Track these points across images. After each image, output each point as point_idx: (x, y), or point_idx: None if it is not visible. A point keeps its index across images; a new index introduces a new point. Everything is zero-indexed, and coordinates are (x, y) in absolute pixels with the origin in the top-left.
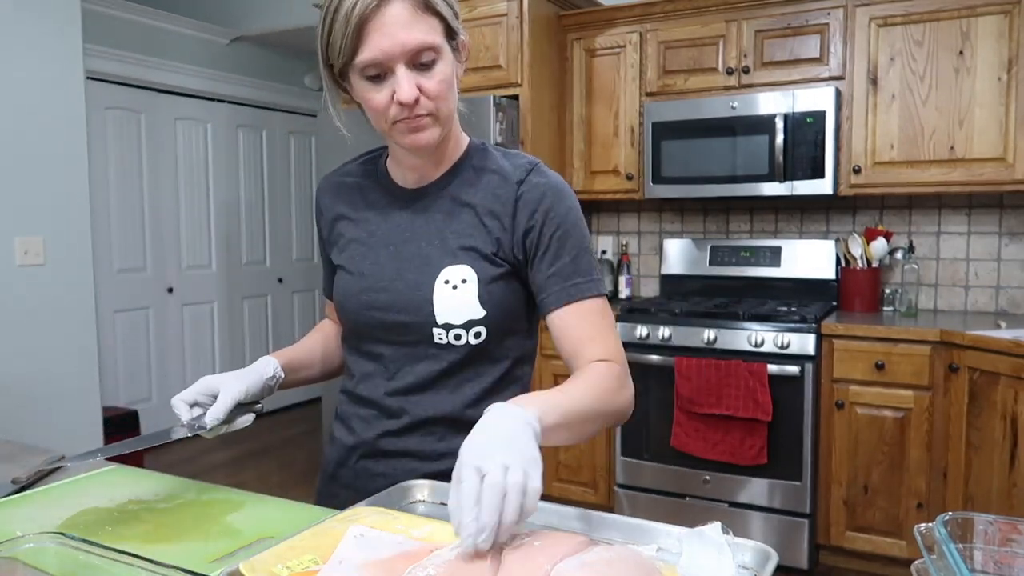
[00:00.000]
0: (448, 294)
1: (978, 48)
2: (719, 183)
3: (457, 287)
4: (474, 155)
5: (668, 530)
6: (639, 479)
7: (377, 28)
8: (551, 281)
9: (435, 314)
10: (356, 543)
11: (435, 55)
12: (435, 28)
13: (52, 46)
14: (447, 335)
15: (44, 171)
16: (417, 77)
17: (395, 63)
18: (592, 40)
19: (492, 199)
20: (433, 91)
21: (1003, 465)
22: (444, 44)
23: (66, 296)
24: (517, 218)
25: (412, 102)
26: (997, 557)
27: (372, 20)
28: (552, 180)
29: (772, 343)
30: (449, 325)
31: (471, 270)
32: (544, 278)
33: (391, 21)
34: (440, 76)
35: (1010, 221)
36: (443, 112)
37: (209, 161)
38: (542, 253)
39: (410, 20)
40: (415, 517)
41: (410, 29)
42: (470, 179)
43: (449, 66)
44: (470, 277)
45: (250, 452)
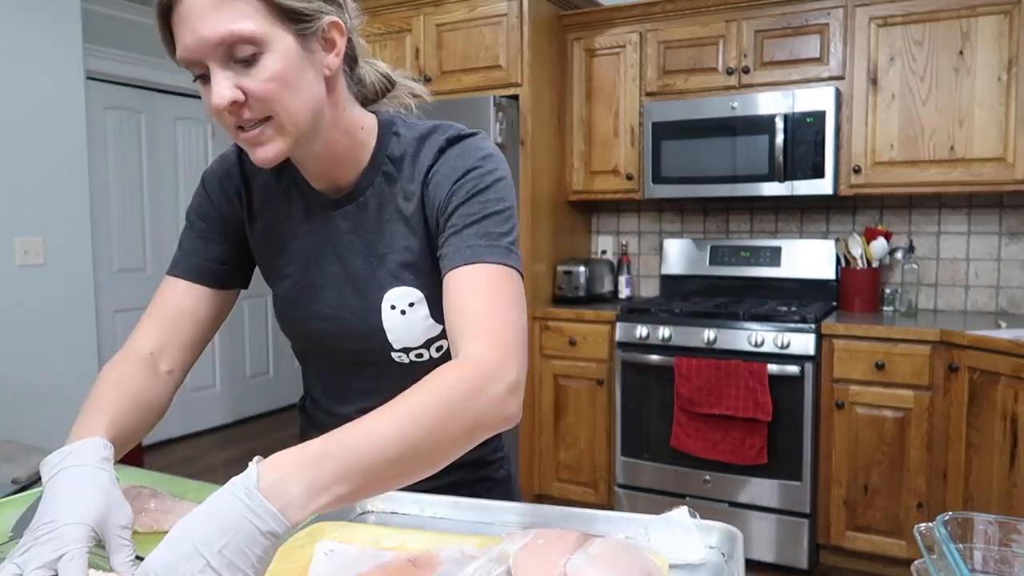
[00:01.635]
0: (398, 320)
1: (978, 48)
2: (719, 183)
3: (405, 311)
4: (387, 145)
5: (633, 518)
6: (639, 479)
7: (179, 21)
8: (448, 242)
9: (390, 340)
10: (328, 560)
11: (254, 47)
12: (250, 13)
13: (52, 46)
14: (408, 356)
15: (44, 171)
16: (240, 77)
17: (206, 60)
18: (592, 40)
19: (416, 197)
20: (258, 92)
21: (1003, 465)
22: (272, 32)
23: (66, 296)
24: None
25: (225, 107)
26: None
27: (174, 12)
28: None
29: (772, 343)
30: (408, 348)
31: (416, 291)
32: (443, 239)
33: (188, 11)
34: (267, 74)
35: (1010, 221)
36: (284, 118)
37: (209, 161)
38: (446, 217)
39: (211, 7)
40: (380, 528)
41: (212, 18)
42: (390, 178)
43: (283, 59)
44: (416, 298)
45: (250, 452)
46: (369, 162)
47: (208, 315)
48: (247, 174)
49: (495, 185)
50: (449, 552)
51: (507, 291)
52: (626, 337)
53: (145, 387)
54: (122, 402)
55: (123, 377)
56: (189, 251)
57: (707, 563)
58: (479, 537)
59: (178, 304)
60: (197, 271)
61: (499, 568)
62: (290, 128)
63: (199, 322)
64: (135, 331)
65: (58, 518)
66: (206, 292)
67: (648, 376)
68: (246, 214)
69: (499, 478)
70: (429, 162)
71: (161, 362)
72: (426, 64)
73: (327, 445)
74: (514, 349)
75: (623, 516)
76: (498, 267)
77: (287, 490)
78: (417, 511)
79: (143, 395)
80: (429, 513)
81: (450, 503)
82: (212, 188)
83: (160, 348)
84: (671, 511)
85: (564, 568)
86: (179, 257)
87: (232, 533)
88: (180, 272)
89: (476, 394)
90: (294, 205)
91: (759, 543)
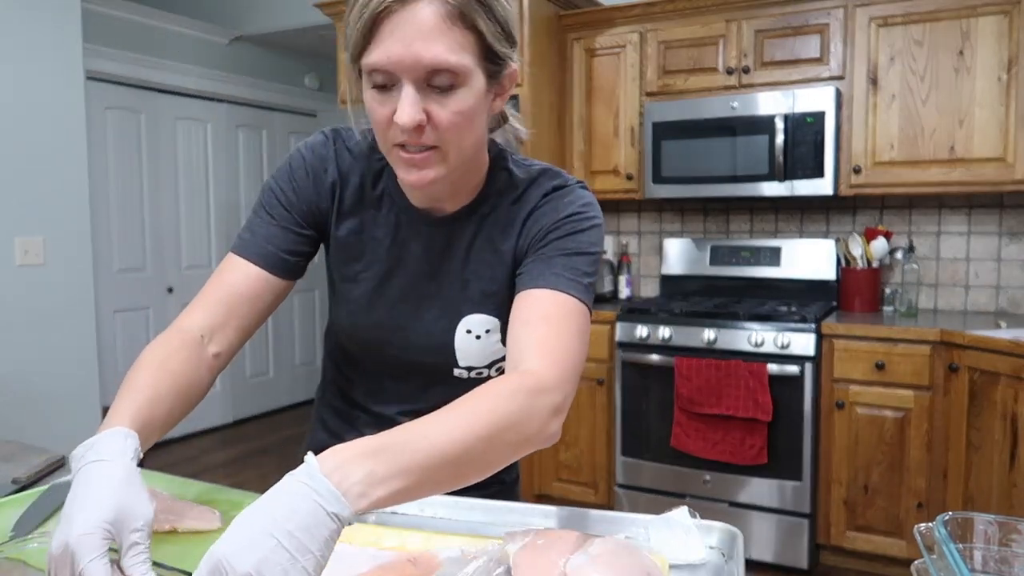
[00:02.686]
0: (472, 343)
1: (978, 48)
2: (719, 183)
3: (480, 336)
4: (496, 179)
5: (633, 518)
6: (639, 479)
7: (391, 30)
8: (533, 265)
9: (457, 359)
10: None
11: (454, 79)
12: (465, 46)
13: (52, 46)
14: (468, 373)
15: (44, 171)
16: (428, 101)
17: (404, 76)
18: (592, 40)
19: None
20: (444, 122)
21: (1003, 465)
22: (475, 68)
23: (66, 296)
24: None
25: (410, 128)
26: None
27: (389, 18)
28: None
29: (772, 343)
30: (471, 367)
31: (495, 319)
32: (528, 262)
33: (409, 25)
34: (458, 106)
35: (1010, 221)
36: (452, 150)
37: (209, 161)
38: (538, 245)
39: (434, 29)
40: (380, 527)
41: (431, 40)
42: (493, 209)
43: (474, 97)
44: (493, 327)
45: (250, 452)
46: (479, 193)
47: (268, 302)
48: (343, 170)
49: (591, 230)
50: (449, 552)
51: (577, 323)
52: (626, 337)
53: (188, 370)
54: (159, 386)
55: (166, 359)
56: (264, 236)
57: (707, 563)
58: (479, 537)
59: (240, 287)
60: (269, 259)
61: (499, 568)
62: (454, 159)
63: (257, 308)
64: (189, 308)
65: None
66: (271, 280)
67: (648, 376)
68: (335, 210)
69: (510, 480)
70: (534, 203)
71: (211, 344)
72: None
73: (385, 441)
74: (570, 374)
75: (623, 516)
76: (574, 300)
77: (348, 475)
78: (417, 511)
79: (183, 378)
80: (429, 513)
81: (450, 503)
82: (302, 177)
83: (212, 330)
84: (671, 511)
85: (564, 568)
86: (251, 240)
87: (300, 514)
88: (251, 256)
89: (527, 409)
90: (385, 214)
91: (759, 543)
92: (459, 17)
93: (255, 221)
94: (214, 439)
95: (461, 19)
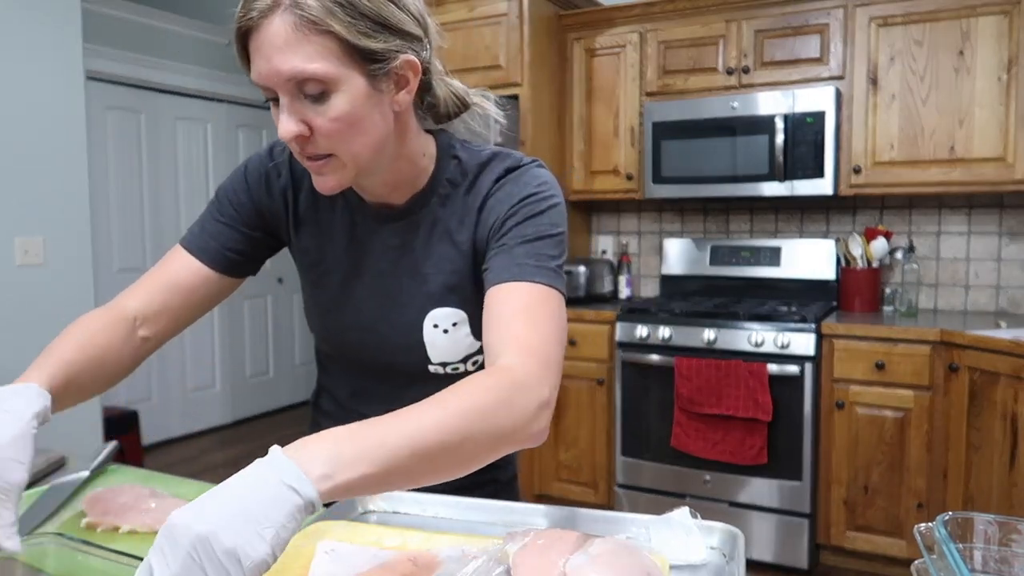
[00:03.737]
0: (441, 338)
1: (978, 48)
2: (719, 183)
3: (448, 331)
4: (445, 168)
5: (634, 518)
6: (639, 479)
7: (256, 47)
8: (497, 258)
9: (429, 355)
10: (329, 559)
11: (324, 86)
12: (324, 52)
13: (52, 46)
14: (444, 369)
15: (44, 171)
16: (306, 111)
17: (277, 90)
18: (592, 40)
19: (471, 222)
20: (324, 130)
21: (1003, 465)
22: (343, 73)
23: (66, 296)
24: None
25: (290, 140)
26: (997, 557)
27: (252, 37)
28: (526, 180)
29: (772, 343)
30: (445, 363)
31: (459, 311)
32: (492, 255)
33: (266, 42)
34: (334, 113)
35: (1010, 221)
36: (345, 155)
37: (209, 161)
38: (498, 236)
39: (287, 42)
40: (381, 527)
41: (286, 54)
42: (445, 201)
43: (352, 100)
44: (460, 318)
45: (250, 452)
46: (427, 185)
47: (206, 296)
48: (296, 175)
49: (550, 211)
50: (449, 552)
51: (550, 311)
52: (626, 337)
53: (113, 346)
54: (80, 352)
55: (93, 331)
56: (210, 232)
57: (708, 564)
58: (479, 537)
59: (178, 278)
60: (211, 254)
61: (499, 568)
62: (351, 165)
63: (195, 301)
64: (128, 290)
65: None
66: (212, 275)
67: (648, 376)
68: (291, 216)
69: (505, 479)
70: (487, 189)
71: (141, 327)
72: None
73: (355, 429)
74: (551, 367)
75: (624, 516)
76: (544, 288)
77: (313, 456)
78: (418, 511)
79: (107, 353)
80: (430, 513)
81: (451, 503)
82: (255, 179)
83: (145, 314)
84: (672, 511)
85: (564, 568)
86: (197, 234)
87: (261, 489)
88: (194, 249)
89: (507, 404)
90: (340, 215)
91: (759, 543)
92: (310, 24)
93: (205, 217)
94: (214, 439)
95: (313, 26)
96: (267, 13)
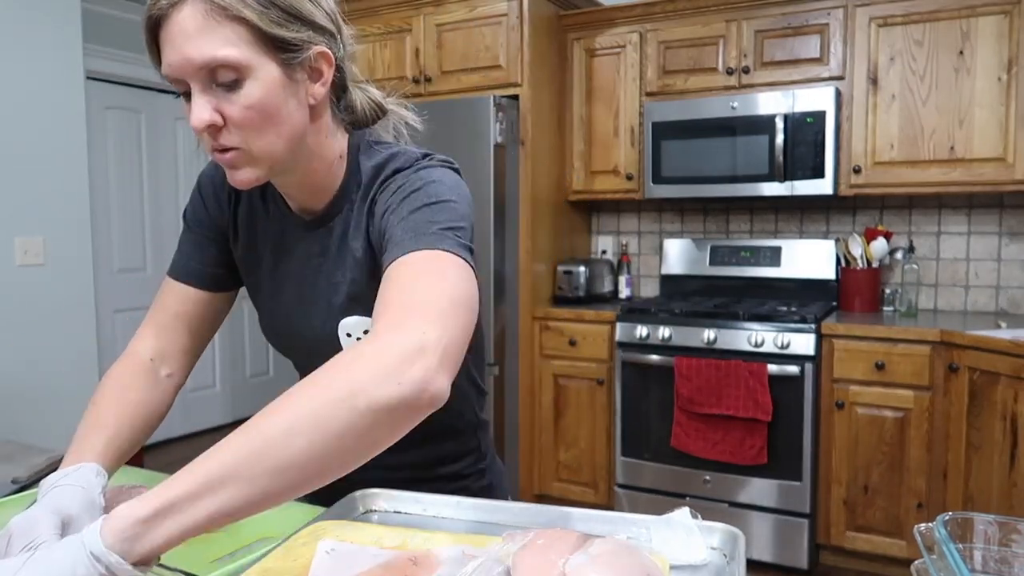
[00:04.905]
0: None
1: (978, 48)
2: (719, 183)
3: (360, 338)
4: (355, 172)
5: (634, 518)
6: (639, 479)
7: (165, 38)
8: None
9: None
10: (329, 559)
11: (236, 74)
12: (235, 40)
13: (52, 46)
14: None
15: (44, 171)
16: (219, 100)
17: (188, 80)
18: (592, 40)
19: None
20: (236, 119)
21: (1003, 465)
22: (256, 60)
23: (66, 296)
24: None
25: (202, 130)
26: (997, 557)
27: (162, 28)
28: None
29: (772, 343)
30: None
31: (369, 319)
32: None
33: (176, 30)
34: (247, 101)
35: (1010, 221)
36: (255, 147)
37: (209, 161)
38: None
39: (198, 29)
40: (381, 527)
41: (197, 41)
42: (352, 206)
43: (265, 88)
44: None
45: None
46: (339, 189)
47: (206, 317)
48: None
49: (426, 187)
50: (450, 551)
51: (432, 269)
52: (626, 337)
53: (146, 398)
54: (121, 418)
55: (125, 389)
56: (187, 254)
57: (709, 564)
58: (480, 537)
59: (176, 308)
60: (194, 275)
61: (499, 568)
62: (263, 157)
63: (197, 326)
64: (137, 333)
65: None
66: (203, 295)
67: (648, 376)
68: (231, 223)
69: (477, 488)
70: (375, 191)
71: (161, 367)
72: (426, 64)
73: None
74: (429, 315)
75: (624, 516)
76: (426, 252)
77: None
78: (419, 511)
79: (144, 408)
80: (431, 512)
81: (452, 503)
82: (207, 191)
83: (160, 353)
84: (673, 512)
85: (563, 568)
86: (177, 259)
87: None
88: (178, 275)
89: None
90: (272, 223)
91: (759, 543)
92: (222, 11)
93: (181, 242)
94: (214, 439)
95: (223, 13)
96: (177, 2)
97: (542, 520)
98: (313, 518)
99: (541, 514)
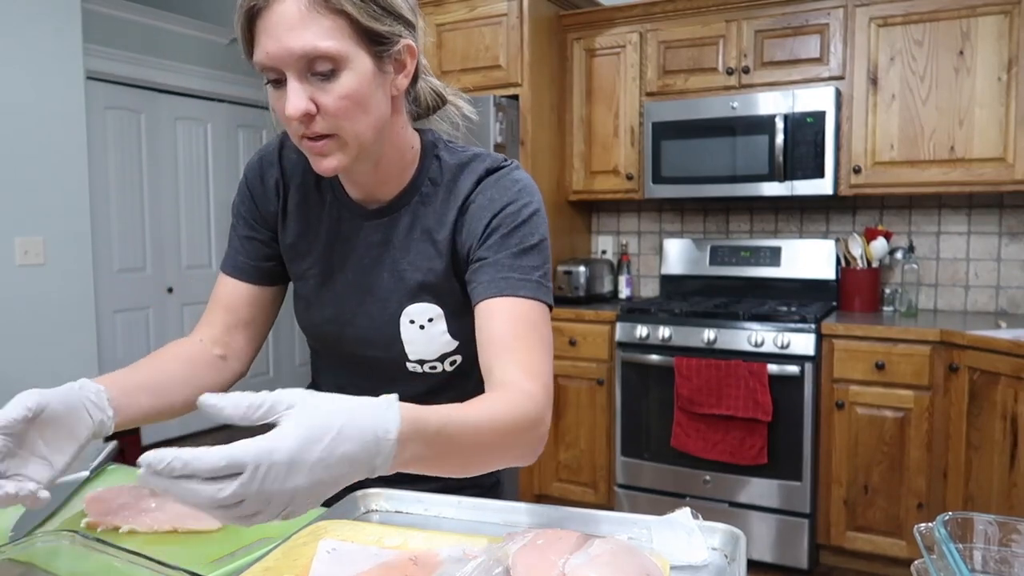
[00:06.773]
0: (416, 333)
1: (978, 48)
2: (719, 183)
3: (424, 326)
4: (428, 167)
5: (635, 519)
6: (639, 479)
7: (264, 28)
8: (482, 270)
9: (406, 352)
10: (330, 558)
11: (334, 64)
12: (335, 32)
13: (52, 46)
14: (422, 367)
15: (44, 171)
16: (314, 90)
17: (285, 69)
18: (592, 40)
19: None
20: (330, 108)
21: (1003, 465)
22: (353, 51)
23: (66, 296)
24: (465, 234)
25: (297, 118)
26: (997, 557)
27: (260, 18)
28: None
29: (772, 343)
30: (423, 360)
31: (435, 307)
32: (476, 267)
33: (277, 21)
34: (342, 91)
35: (1010, 221)
36: (349, 135)
37: (209, 161)
38: (482, 247)
39: (300, 20)
40: (382, 527)
41: (298, 31)
42: (426, 199)
43: (359, 79)
44: (436, 314)
45: None
46: (411, 181)
47: (262, 309)
48: (286, 171)
49: (531, 219)
50: (450, 551)
51: (541, 330)
52: (626, 337)
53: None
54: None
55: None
56: (236, 249)
57: (709, 564)
58: (480, 537)
59: (228, 302)
60: (243, 270)
61: (499, 568)
62: (353, 145)
63: (253, 316)
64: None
65: None
66: (255, 290)
67: (648, 376)
68: (281, 210)
69: (488, 485)
70: (467, 191)
71: (215, 348)
72: None
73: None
74: (548, 393)
75: (625, 517)
76: (531, 302)
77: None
78: (420, 510)
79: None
80: (432, 512)
81: (452, 503)
82: (254, 183)
83: (214, 339)
84: (674, 512)
85: (563, 568)
86: (228, 254)
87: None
88: (228, 270)
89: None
90: (327, 209)
91: (759, 543)
92: (323, 4)
93: (231, 237)
94: (214, 439)
95: (325, 6)
96: None
97: (542, 520)
98: (313, 518)
99: (541, 514)
